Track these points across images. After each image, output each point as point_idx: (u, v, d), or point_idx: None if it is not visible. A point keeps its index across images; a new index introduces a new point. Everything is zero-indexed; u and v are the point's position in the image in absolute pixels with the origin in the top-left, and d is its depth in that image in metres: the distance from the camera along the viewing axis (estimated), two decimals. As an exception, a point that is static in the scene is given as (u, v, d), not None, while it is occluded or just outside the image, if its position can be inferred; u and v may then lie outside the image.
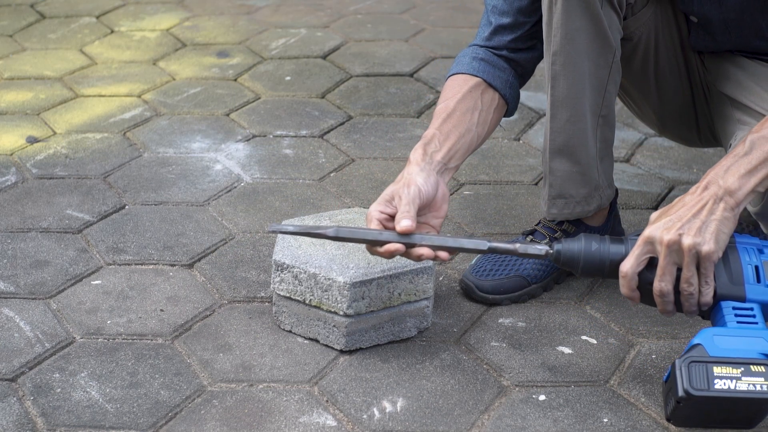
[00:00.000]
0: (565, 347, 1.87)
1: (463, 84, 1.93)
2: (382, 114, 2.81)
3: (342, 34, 3.39)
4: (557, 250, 1.66)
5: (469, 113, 1.89)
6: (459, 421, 1.68)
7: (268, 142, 2.66)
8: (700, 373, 1.47)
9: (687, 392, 1.46)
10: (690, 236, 1.55)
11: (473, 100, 1.91)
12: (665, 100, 2.03)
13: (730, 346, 1.51)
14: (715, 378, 1.47)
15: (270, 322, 1.93)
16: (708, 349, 1.51)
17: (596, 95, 1.87)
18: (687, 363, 1.48)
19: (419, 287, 1.86)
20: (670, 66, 1.98)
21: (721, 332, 1.54)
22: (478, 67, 1.94)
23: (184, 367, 1.81)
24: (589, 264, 1.65)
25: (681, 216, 1.57)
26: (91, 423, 1.67)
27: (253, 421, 1.68)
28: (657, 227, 1.58)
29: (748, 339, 1.53)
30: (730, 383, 1.47)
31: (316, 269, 1.82)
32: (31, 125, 2.74)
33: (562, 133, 1.89)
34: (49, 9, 3.65)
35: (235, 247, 2.17)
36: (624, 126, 2.73)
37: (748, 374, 1.48)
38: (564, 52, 1.82)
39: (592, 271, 1.65)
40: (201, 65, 3.14)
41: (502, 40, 1.95)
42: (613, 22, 1.83)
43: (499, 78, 1.94)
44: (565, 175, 1.93)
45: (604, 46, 1.83)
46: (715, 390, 1.46)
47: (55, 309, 1.96)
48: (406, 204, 1.72)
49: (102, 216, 2.29)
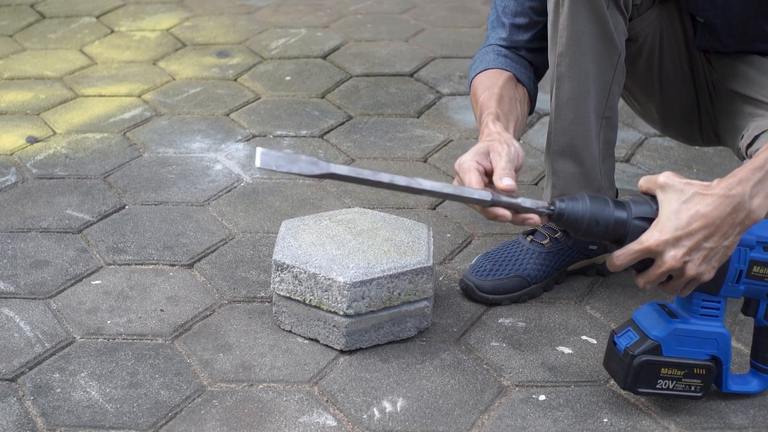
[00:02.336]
0: (565, 347, 1.87)
1: (498, 76, 1.90)
2: (382, 114, 2.81)
3: (342, 34, 3.39)
4: (560, 209, 1.54)
5: (514, 100, 1.87)
6: (459, 421, 1.68)
7: (268, 142, 2.66)
8: (649, 373, 1.63)
9: (631, 388, 1.64)
10: (694, 266, 1.51)
11: (512, 90, 1.89)
12: (669, 100, 2.03)
13: (684, 347, 1.63)
14: (660, 378, 1.63)
15: (270, 322, 1.93)
16: (664, 350, 1.62)
17: (600, 97, 1.87)
18: (640, 362, 1.62)
19: (419, 287, 1.85)
20: (674, 66, 1.98)
21: (681, 331, 1.62)
22: (506, 63, 1.94)
23: (184, 367, 1.81)
24: (591, 228, 1.54)
25: (694, 237, 1.50)
26: (91, 423, 1.67)
27: (253, 421, 1.68)
28: (665, 242, 1.50)
29: (701, 339, 1.63)
30: (670, 383, 1.64)
31: (316, 269, 1.82)
32: (31, 125, 2.74)
33: (566, 134, 1.89)
34: (49, 9, 3.65)
35: (235, 247, 2.17)
36: (624, 126, 2.73)
37: (690, 376, 1.64)
38: (569, 54, 1.82)
39: (591, 236, 1.55)
40: (201, 65, 3.14)
41: (519, 39, 1.95)
42: (618, 24, 1.83)
43: (524, 74, 1.95)
44: (568, 176, 1.93)
45: (609, 48, 1.83)
46: (656, 389, 1.64)
47: (55, 309, 1.96)
48: (507, 161, 1.60)
49: (102, 216, 2.29)
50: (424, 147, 2.61)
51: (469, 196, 1.51)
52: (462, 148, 2.60)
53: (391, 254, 1.86)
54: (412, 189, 1.47)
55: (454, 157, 2.56)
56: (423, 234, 1.94)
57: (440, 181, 1.39)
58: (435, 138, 2.65)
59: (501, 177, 1.57)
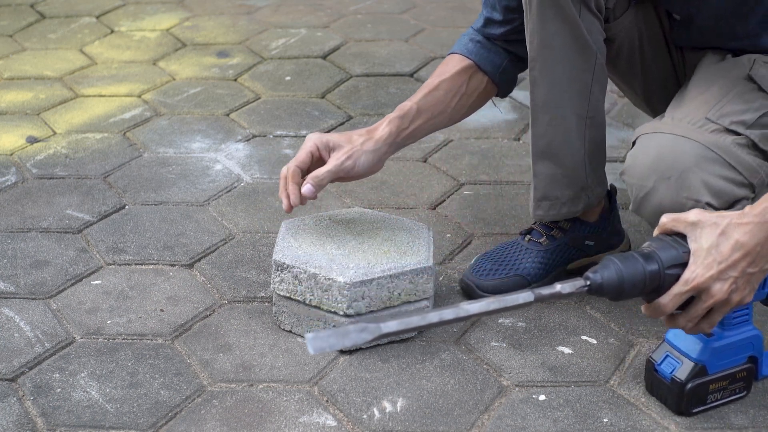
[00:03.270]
0: (565, 347, 1.87)
1: (455, 64, 1.97)
2: (382, 114, 2.81)
3: (342, 34, 3.39)
4: (597, 282, 1.51)
5: (450, 95, 1.95)
6: (459, 421, 1.68)
7: (268, 142, 2.66)
8: (699, 394, 1.67)
9: (686, 413, 1.68)
10: (739, 293, 1.49)
11: (460, 82, 1.96)
12: (653, 90, 2.03)
13: (725, 360, 1.66)
14: (709, 394, 1.67)
15: (270, 322, 1.93)
16: (709, 369, 1.65)
17: (580, 98, 1.88)
18: (691, 388, 1.65)
19: (419, 287, 1.85)
20: (656, 61, 1.98)
21: (720, 348, 1.65)
22: (472, 49, 1.98)
23: (184, 367, 1.81)
24: (632, 291, 1.52)
25: (737, 266, 1.47)
26: (91, 423, 1.67)
27: (253, 421, 1.68)
28: (711, 277, 1.48)
29: (739, 347, 1.67)
30: (718, 395, 1.68)
31: (316, 269, 1.82)
32: (31, 125, 2.74)
33: (543, 137, 1.91)
34: (49, 9, 3.65)
35: (235, 247, 2.17)
36: (624, 126, 2.73)
37: (734, 381, 1.69)
38: (541, 58, 1.84)
39: (631, 297, 1.53)
40: (201, 65, 3.14)
41: (493, 32, 1.97)
42: (593, 26, 1.83)
43: (491, 63, 1.97)
44: (548, 177, 1.94)
45: (583, 50, 1.84)
46: (707, 404, 1.68)
47: (55, 309, 1.96)
48: (329, 170, 1.84)
49: (102, 216, 2.29)
50: (423, 147, 2.60)
51: (514, 304, 1.49)
52: (462, 148, 2.60)
53: (391, 254, 1.86)
54: (461, 318, 1.45)
55: (454, 157, 2.56)
56: (423, 234, 1.94)
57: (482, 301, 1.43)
58: (435, 138, 2.65)
59: (307, 182, 1.83)
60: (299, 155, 1.87)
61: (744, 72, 1.80)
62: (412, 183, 2.44)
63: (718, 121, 1.74)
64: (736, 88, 1.79)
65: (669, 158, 1.70)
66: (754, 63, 1.81)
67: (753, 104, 1.76)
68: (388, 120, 1.91)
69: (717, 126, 1.73)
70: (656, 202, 1.72)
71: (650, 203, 1.73)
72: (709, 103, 1.77)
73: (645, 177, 1.73)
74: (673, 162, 1.70)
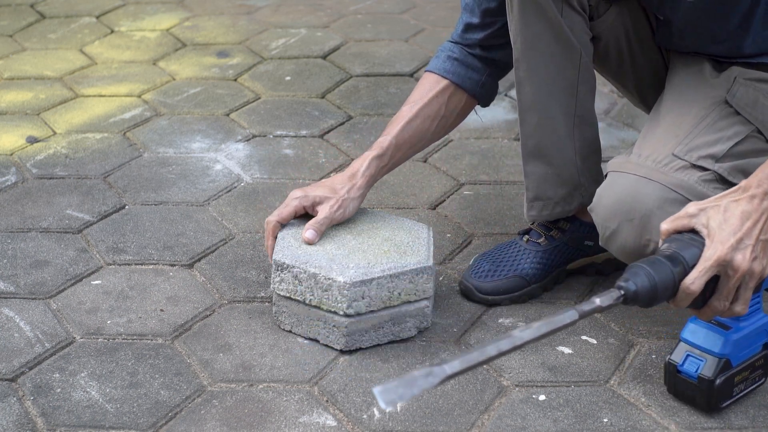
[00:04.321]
0: (565, 347, 1.87)
1: (432, 87, 1.98)
2: (382, 114, 2.81)
3: (342, 34, 3.39)
4: (632, 291, 1.49)
5: (428, 121, 1.98)
6: (459, 421, 1.68)
7: (268, 142, 2.66)
8: (727, 388, 1.67)
9: (715, 409, 1.68)
10: (759, 262, 1.50)
11: (438, 106, 1.98)
12: (646, 89, 2.02)
13: (745, 350, 1.67)
14: (735, 386, 1.68)
15: (270, 322, 1.93)
16: (733, 362, 1.66)
17: (567, 97, 1.88)
18: (720, 383, 1.65)
19: (419, 287, 1.85)
20: (646, 61, 1.97)
21: (739, 339, 1.65)
22: (449, 68, 1.98)
23: (184, 367, 1.81)
24: (664, 295, 1.52)
25: (752, 234, 1.49)
26: (91, 423, 1.67)
27: (253, 421, 1.68)
28: (730, 247, 1.49)
29: (756, 336, 1.67)
30: (742, 386, 1.69)
31: (316, 269, 1.82)
32: (31, 125, 2.74)
33: (532, 137, 1.92)
34: (49, 9, 3.65)
35: (235, 247, 2.17)
36: (624, 126, 2.73)
37: (753, 370, 1.70)
38: (526, 58, 1.85)
39: (663, 300, 1.53)
40: (201, 65, 3.14)
41: (472, 38, 1.97)
42: (576, 24, 1.83)
43: (470, 79, 1.98)
44: (540, 177, 1.94)
45: (567, 49, 1.84)
46: (733, 397, 1.69)
47: (55, 309, 1.96)
48: (324, 217, 1.89)
49: (102, 216, 2.29)
50: (424, 147, 2.60)
51: (562, 324, 1.49)
52: (462, 148, 2.60)
53: (391, 254, 1.86)
54: (517, 347, 1.45)
55: (454, 157, 2.56)
56: (423, 234, 1.94)
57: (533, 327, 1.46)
58: (435, 138, 2.65)
59: (307, 229, 1.88)
60: (284, 213, 1.92)
61: (721, 95, 1.78)
62: (412, 183, 2.44)
63: (685, 157, 1.73)
64: (711, 115, 1.78)
65: (630, 201, 1.72)
66: (734, 82, 1.79)
67: (727, 132, 1.75)
68: (367, 161, 1.93)
69: (683, 162, 1.72)
70: (620, 242, 1.75)
71: (615, 243, 1.76)
72: (679, 137, 1.76)
73: (609, 218, 1.75)
74: (635, 204, 1.71)
